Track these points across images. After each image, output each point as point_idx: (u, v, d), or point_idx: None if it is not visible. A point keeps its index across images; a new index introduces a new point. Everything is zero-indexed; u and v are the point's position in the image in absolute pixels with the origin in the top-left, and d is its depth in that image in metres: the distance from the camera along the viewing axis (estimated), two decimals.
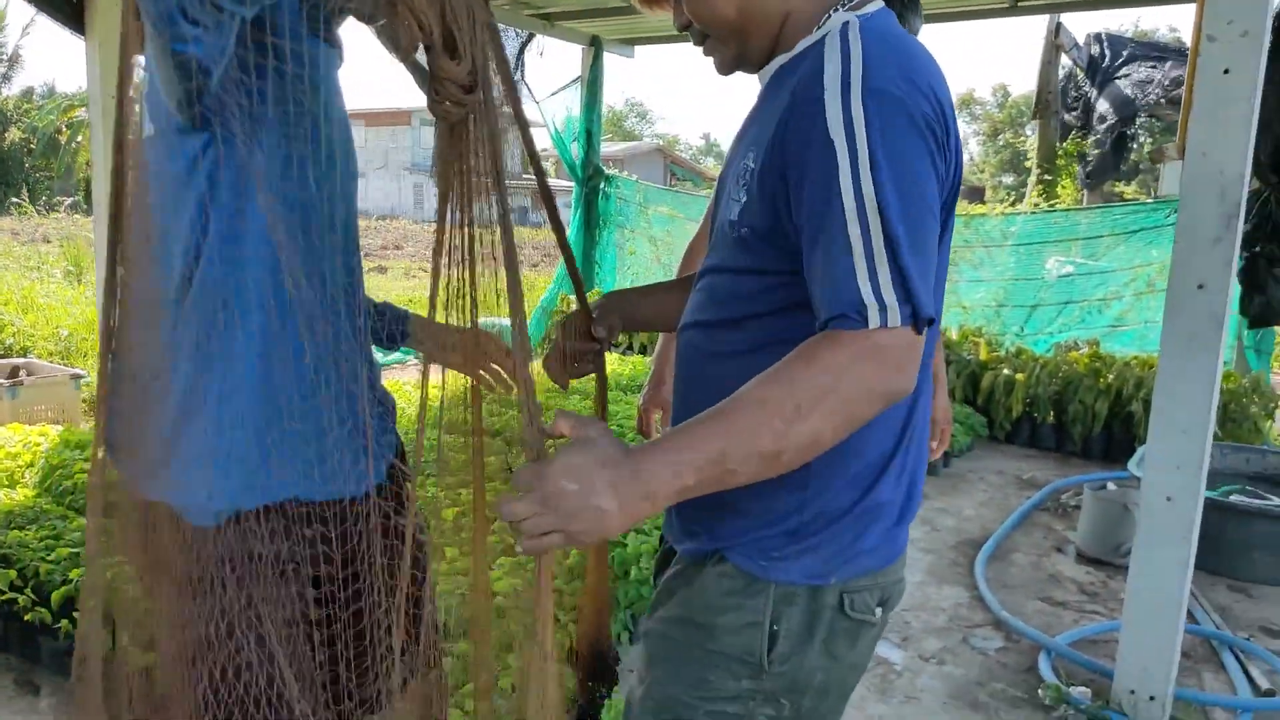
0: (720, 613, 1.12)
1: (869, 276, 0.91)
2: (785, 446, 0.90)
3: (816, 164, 0.95)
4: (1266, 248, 3.81)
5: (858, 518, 1.10)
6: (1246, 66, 2.35)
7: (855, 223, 0.92)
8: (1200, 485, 2.51)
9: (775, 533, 1.10)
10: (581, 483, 0.87)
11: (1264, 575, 3.69)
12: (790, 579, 1.10)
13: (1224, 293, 2.41)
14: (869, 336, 0.91)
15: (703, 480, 0.90)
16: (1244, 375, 5.43)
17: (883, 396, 0.93)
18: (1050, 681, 2.79)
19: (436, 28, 0.87)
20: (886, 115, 0.93)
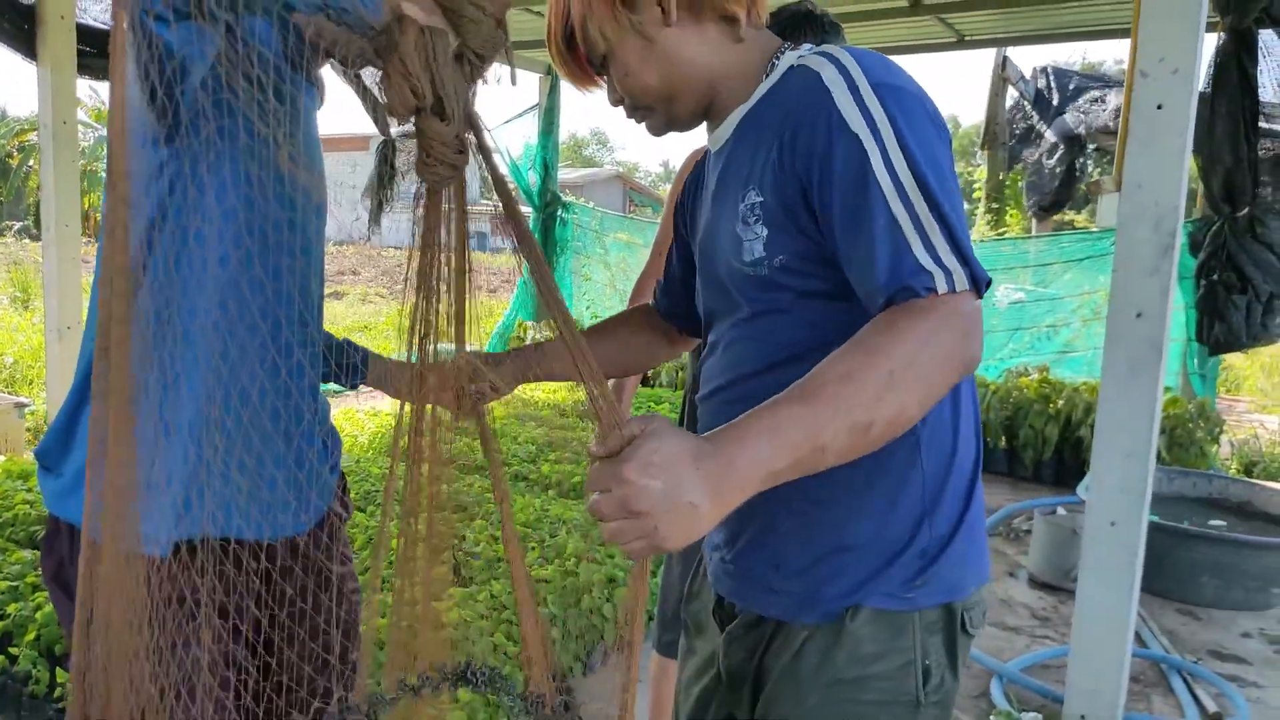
0: (871, 662, 1.07)
1: (925, 247, 0.91)
2: (876, 418, 0.86)
3: (844, 158, 0.95)
4: (1224, 275, 3.90)
5: (969, 527, 1.11)
6: (1179, 102, 2.41)
7: (898, 201, 0.93)
8: (1144, 509, 2.54)
9: (910, 557, 1.07)
10: (667, 479, 0.79)
11: (1212, 599, 3.76)
12: (935, 601, 1.08)
13: (1162, 320, 2.46)
14: (945, 302, 0.90)
15: (795, 462, 0.84)
16: (1190, 400, 5.54)
17: (962, 363, 0.91)
18: (1002, 708, 2.80)
19: (429, 91, 0.88)
20: (902, 104, 0.96)
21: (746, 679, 1.17)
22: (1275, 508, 4.33)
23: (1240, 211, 3.57)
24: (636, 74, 1.10)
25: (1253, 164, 3.46)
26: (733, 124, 1.12)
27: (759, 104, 1.09)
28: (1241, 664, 3.28)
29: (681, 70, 1.10)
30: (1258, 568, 3.74)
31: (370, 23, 0.88)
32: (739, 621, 1.18)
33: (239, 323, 1.10)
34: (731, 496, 0.82)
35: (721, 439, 0.83)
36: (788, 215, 1.02)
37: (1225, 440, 5.91)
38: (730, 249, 1.09)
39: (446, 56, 0.89)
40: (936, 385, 0.90)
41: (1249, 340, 3.74)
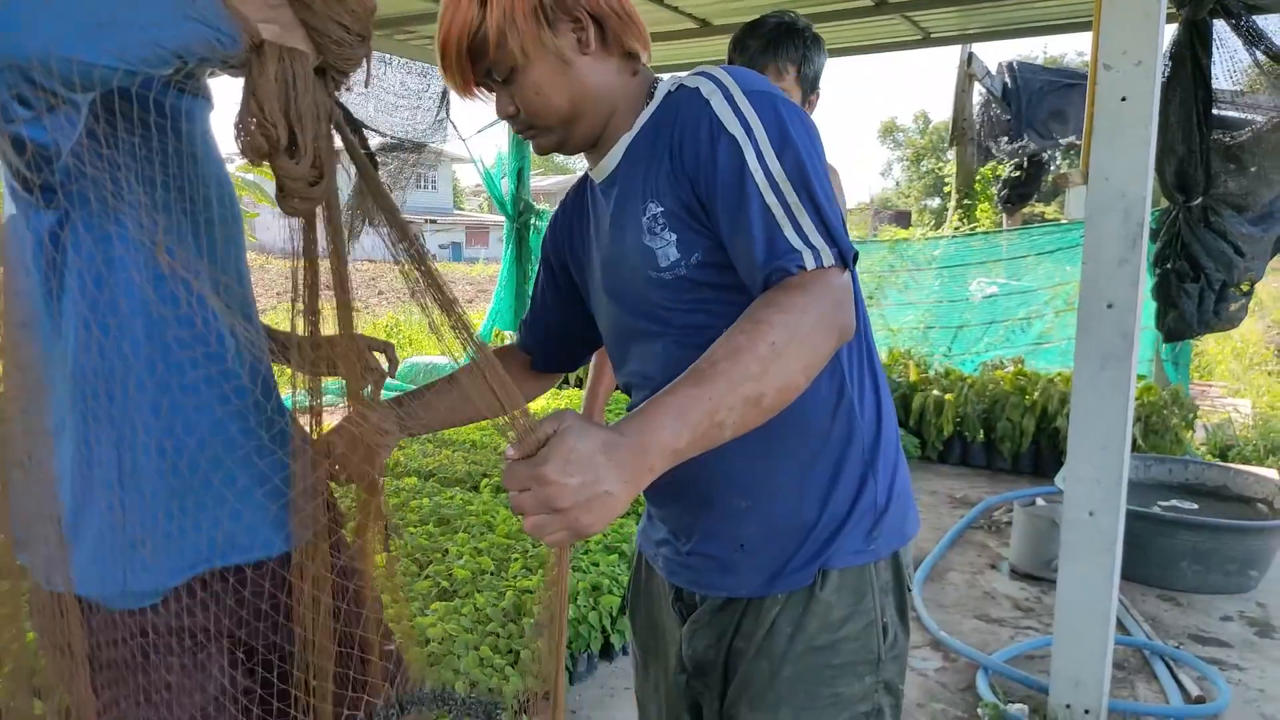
0: (840, 626, 1.18)
1: (795, 230, 1.01)
2: (765, 389, 0.93)
3: (724, 157, 1.05)
4: (1178, 264, 3.95)
5: (902, 478, 1.24)
6: (1142, 93, 2.44)
7: (770, 192, 1.03)
8: (1121, 498, 2.57)
9: (862, 512, 1.18)
10: (584, 475, 0.84)
11: (1192, 584, 3.79)
12: (890, 547, 1.20)
13: (1132, 311, 2.49)
14: (816, 277, 1.00)
15: (695, 440, 0.90)
16: (1164, 388, 5.60)
17: (838, 329, 1.00)
18: (988, 699, 2.81)
19: (284, 133, 0.88)
20: (773, 106, 1.07)
21: (714, 665, 1.25)
22: (1251, 491, 4.38)
23: (1194, 201, 3.62)
24: (546, 94, 1.15)
25: (1205, 154, 3.51)
26: (619, 152, 1.19)
27: (644, 129, 1.17)
28: (1223, 647, 3.32)
29: (589, 95, 1.16)
30: (1236, 551, 3.78)
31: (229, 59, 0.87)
32: (704, 608, 1.26)
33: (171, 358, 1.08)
34: (642, 479, 0.88)
35: (629, 427, 0.89)
36: (690, 215, 1.10)
37: (1200, 425, 5.98)
38: (643, 262, 1.15)
39: (306, 84, 0.89)
40: (818, 351, 0.98)
41: (1201, 327, 3.79)
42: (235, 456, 1.12)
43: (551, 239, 1.40)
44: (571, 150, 1.23)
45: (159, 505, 1.11)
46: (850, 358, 1.19)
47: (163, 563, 1.12)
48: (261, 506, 1.17)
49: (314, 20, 0.89)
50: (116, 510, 1.09)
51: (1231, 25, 3.41)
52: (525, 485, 0.84)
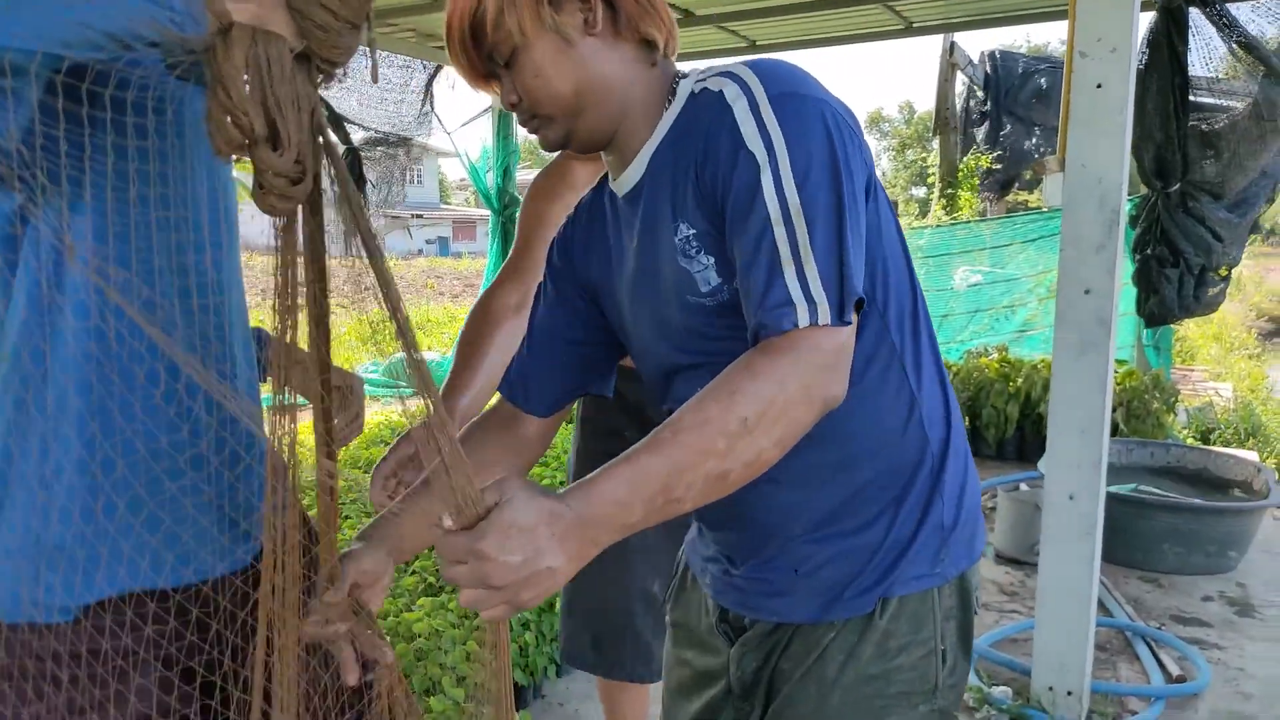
0: (897, 655, 1.08)
1: (797, 274, 0.91)
2: (732, 466, 0.88)
3: (739, 179, 0.95)
4: (1157, 250, 3.99)
5: (971, 494, 1.14)
6: (1118, 80, 2.47)
7: (781, 225, 0.92)
8: (1100, 482, 2.60)
9: (929, 535, 1.09)
10: (525, 551, 0.80)
11: (1173, 565, 3.84)
12: (958, 569, 1.11)
13: (1110, 297, 2.51)
14: (805, 338, 0.91)
15: (649, 514, 0.86)
16: (1145, 373, 5.65)
17: (822, 401, 0.92)
18: (972, 683, 2.85)
19: (259, 122, 0.80)
20: (801, 115, 0.95)
21: (760, 684, 1.17)
22: (1231, 473, 4.43)
23: (1172, 187, 3.66)
24: (548, 78, 1.05)
25: (1183, 140, 3.55)
26: (644, 163, 1.08)
27: (667, 138, 1.07)
28: (1203, 627, 3.36)
29: (595, 83, 1.06)
30: (1216, 532, 3.83)
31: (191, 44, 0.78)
32: (754, 631, 1.17)
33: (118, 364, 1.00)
34: (587, 552, 0.84)
35: (576, 498, 0.84)
36: (723, 238, 1.00)
37: (1181, 409, 6.03)
38: (682, 287, 1.05)
39: (283, 71, 0.81)
40: (794, 425, 0.91)
41: (1181, 312, 3.84)
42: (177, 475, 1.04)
43: (563, 252, 1.25)
44: (581, 147, 1.12)
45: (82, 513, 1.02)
46: (918, 363, 1.08)
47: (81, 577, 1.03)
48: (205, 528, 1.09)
49: (296, 2, 0.81)
50: (36, 512, 1.01)
51: (1206, 13, 3.44)
52: (462, 559, 0.80)
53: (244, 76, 0.78)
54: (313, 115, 0.84)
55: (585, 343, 1.25)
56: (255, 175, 0.83)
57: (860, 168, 0.98)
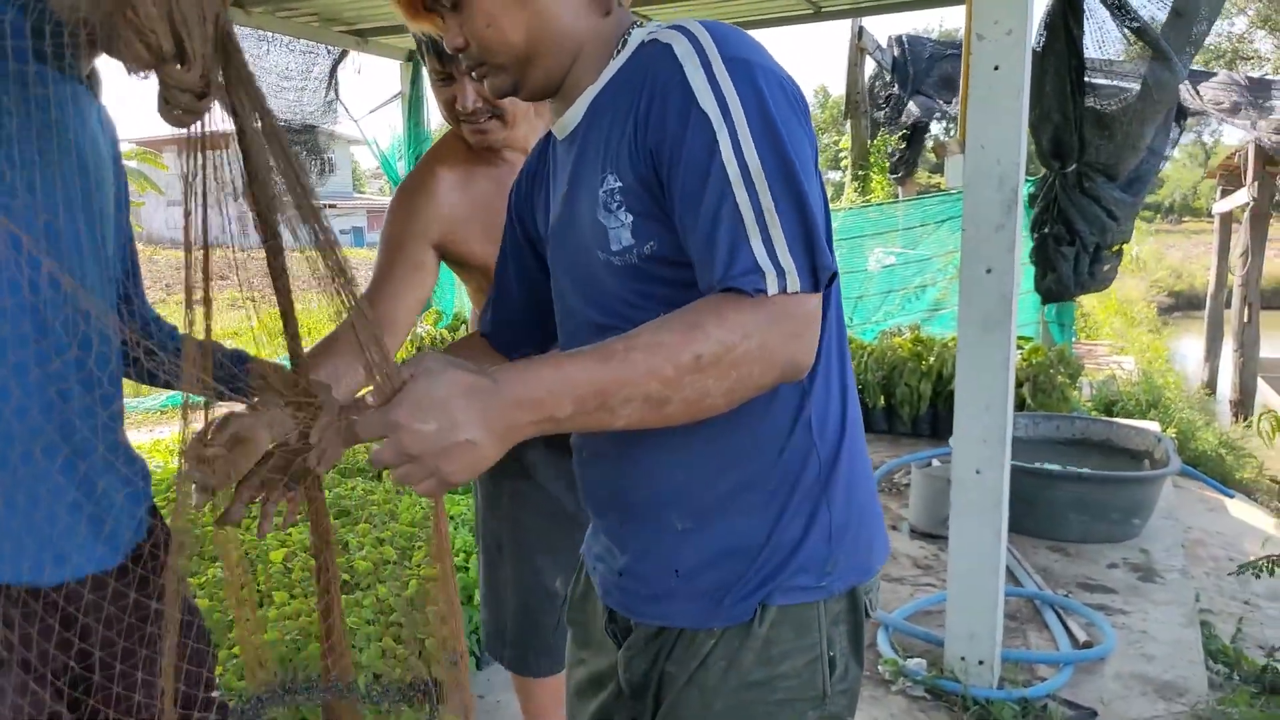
0: (779, 662, 1.05)
1: (763, 241, 0.88)
2: (673, 396, 0.86)
3: (693, 139, 0.91)
4: (1054, 228, 4.10)
5: (867, 506, 1.10)
6: (1014, 62, 2.51)
7: (743, 189, 0.89)
8: (1006, 456, 2.66)
9: (815, 545, 1.04)
10: (440, 419, 0.79)
11: (1079, 534, 3.97)
12: (846, 584, 1.06)
13: (1010, 274, 2.57)
14: (774, 302, 0.88)
15: (577, 413, 0.84)
16: (1050, 348, 5.83)
17: (785, 365, 0.90)
18: (888, 656, 2.90)
19: (166, 39, 0.81)
20: (756, 82, 0.92)
21: (649, 687, 1.14)
22: (1134, 443, 4.60)
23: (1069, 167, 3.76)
24: (499, 25, 1.01)
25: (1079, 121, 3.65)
26: (583, 106, 1.05)
27: (610, 84, 1.03)
28: (1109, 593, 3.48)
29: (548, 31, 1.02)
30: (1120, 501, 3.96)
31: None
32: (638, 635, 1.14)
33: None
34: (513, 433, 0.83)
35: (504, 375, 0.83)
36: (651, 198, 0.96)
37: (1086, 383, 6.24)
38: (595, 239, 1.02)
39: None
40: (748, 381, 0.89)
41: (1077, 289, 3.97)
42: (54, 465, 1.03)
43: (515, 201, 1.25)
44: (528, 95, 1.09)
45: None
46: (821, 366, 1.04)
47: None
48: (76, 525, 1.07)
49: None
50: None
51: None
52: (381, 433, 0.81)
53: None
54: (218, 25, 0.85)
55: (540, 294, 1.23)
56: (161, 90, 0.84)
57: (807, 144, 0.95)
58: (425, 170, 1.74)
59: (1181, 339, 13.76)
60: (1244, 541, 4.46)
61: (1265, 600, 3.84)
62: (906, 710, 2.68)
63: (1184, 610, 3.33)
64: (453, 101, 1.64)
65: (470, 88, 1.61)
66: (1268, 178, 8.27)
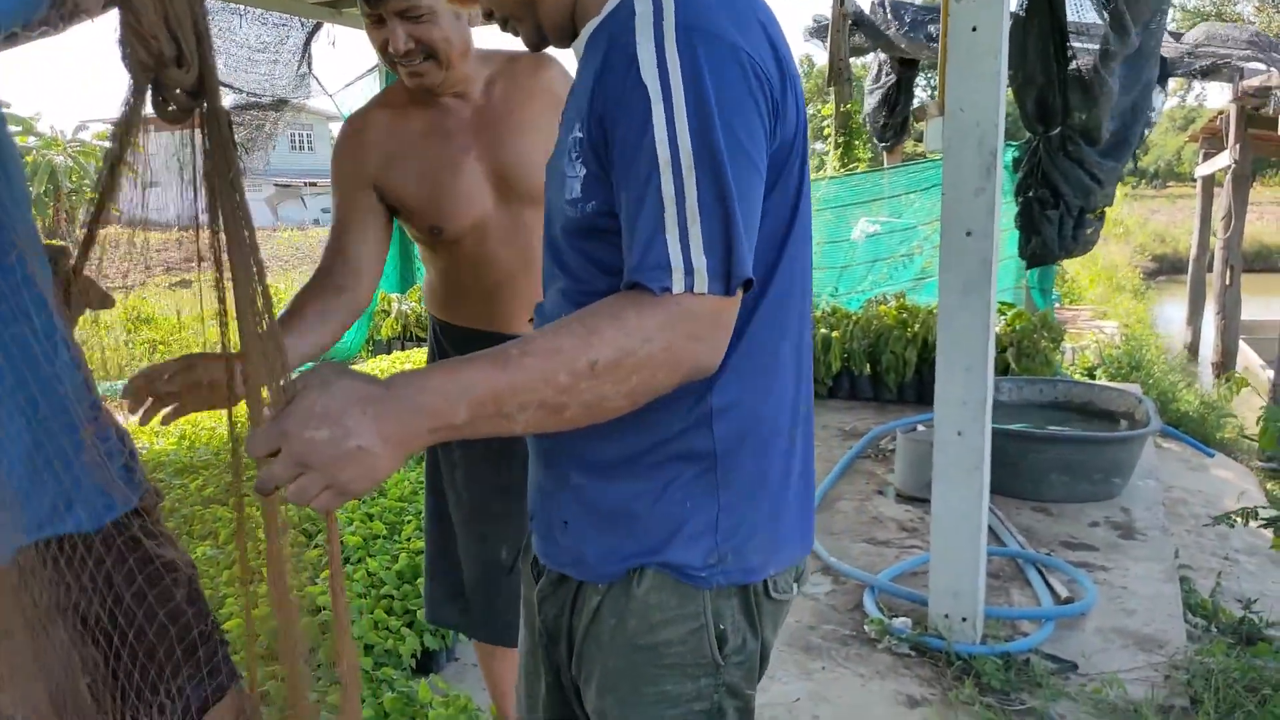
0: (661, 629, 1.04)
1: (679, 236, 0.86)
2: (570, 401, 0.85)
3: (630, 111, 0.88)
4: (1039, 192, 4.11)
5: (776, 506, 1.07)
6: (992, 23, 2.51)
7: (669, 176, 0.86)
8: (986, 418, 2.69)
9: (698, 534, 1.03)
10: (331, 427, 0.78)
11: (1061, 494, 4.02)
12: (729, 582, 1.04)
13: (990, 238, 2.58)
14: (678, 302, 0.86)
15: (476, 418, 0.83)
16: (1033, 313, 5.87)
17: (689, 366, 0.89)
18: (874, 616, 2.94)
19: (168, 45, 0.84)
20: (704, 55, 0.87)
21: (561, 636, 1.15)
22: (1114, 405, 4.65)
23: (1053, 130, 3.77)
24: None
25: (1063, 84, 3.65)
26: (581, 44, 1.03)
27: (601, 23, 0.98)
28: (1090, 550, 3.54)
29: None
30: (1101, 461, 4.02)
31: None
32: (546, 578, 1.16)
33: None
34: (410, 441, 0.82)
35: (399, 382, 0.83)
36: (597, 159, 0.94)
37: (1068, 347, 6.29)
38: (557, 184, 1.02)
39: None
40: (649, 383, 0.88)
41: (1061, 252, 3.99)
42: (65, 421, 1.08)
43: None
44: (556, 40, 1.09)
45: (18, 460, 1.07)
46: (735, 362, 1.00)
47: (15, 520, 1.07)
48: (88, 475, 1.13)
49: None
50: None
51: None
52: (273, 446, 0.79)
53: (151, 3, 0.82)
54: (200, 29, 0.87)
55: None
56: (159, 92, 0.87)
57: (759, 131, 0.90)
58: (362, 113, 1.77)
59: (1165, 304, 13.86)
60: (1224, 499, 4.52)
61: (1244, 555, 3.91)
62: (891, 667, 2.72)
63: (1164, 566, 3.39)
64: (383, 45, 1.62)
65: (401, 30, 1.60)
66: (1249, 140, 8.30)
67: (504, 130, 1.73)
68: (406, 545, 3.13)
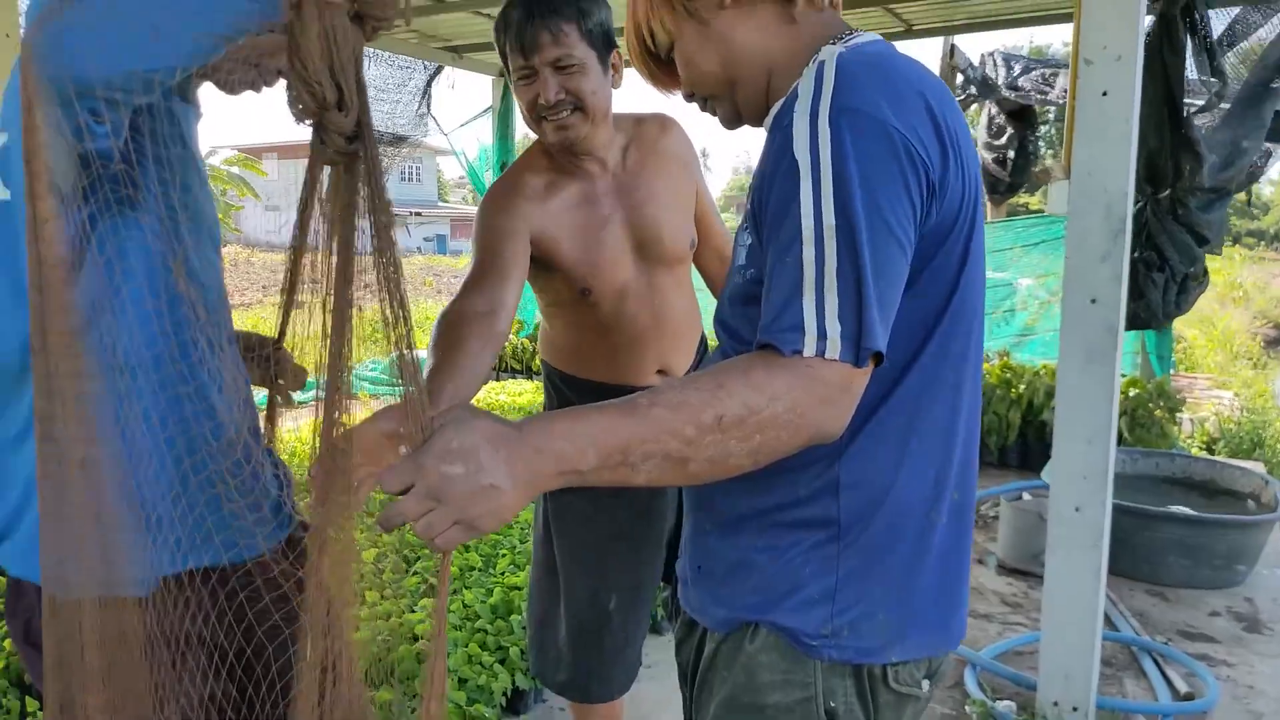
0: (768, 691, 1.04)
1: (816, 303, 0.87)
2: (694, 455, 0.86)
3: (781, 184, 0.92)
4: (1144, 254, 3.96)
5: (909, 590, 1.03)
6: (1123, 88, 2.42)
7: (811, 245, 0.88)
8: (1107, 493, 2.56)
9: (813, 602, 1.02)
10: (467, 463, 0.80)
11: (1179, 578, 3.78)
12: (843, 659, 1.02)
13: (1116, 306, 2.47)
14: (808, 364, 0.87)
15: (601, 465, 0.84)
16: (1149, 380, 5.61)
17: (813, 429, 0.88)
18: (976, 697, 2.80)
19: (330, 89, 0.86)
20: (854, 132, 0.89)
21: (688, 679, 1.20)
22: (1238, 484, 4.38)
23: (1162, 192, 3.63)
24: (696, 61, 1.09)
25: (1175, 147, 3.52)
26: (768, 121, 1.06)
27: (782, 104, 1.02)
28: (1211, 643, 3.31)
29: (737, 55, 1.07)
30: (1223, 545, 3.77)
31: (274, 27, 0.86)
32: (681, 620, 1.21)
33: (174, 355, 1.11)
34: (537, 482, 0.84)
35: (532, 426, 0.85)
36: (757, 231, 0.99)
37: (1186, 418, 5.99)
38: (734, 252, 1.10)
39: (345, 36, 0.87)
40: (774, 443, 0.88)
41: (1165, 317, 3.84)
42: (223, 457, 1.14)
43: None
44: (754, 120, 1.12)
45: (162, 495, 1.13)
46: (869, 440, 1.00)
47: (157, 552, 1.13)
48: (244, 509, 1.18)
49: None
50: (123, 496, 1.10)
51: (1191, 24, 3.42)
52: (408, 481, 0.81)
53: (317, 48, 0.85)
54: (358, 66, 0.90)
55: None
56: (319, 135, 0.89)
57: (906, 208, 0.91)
58: (514, 176, 1.80)
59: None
60: None
61: None
62: None
63: None
64: (535, 99, 1.66)
65: (553, 80, 1.64)
66: None
67: (641, 198, 1.80)
68: (501, 579, 3.14)
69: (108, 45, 0.86)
